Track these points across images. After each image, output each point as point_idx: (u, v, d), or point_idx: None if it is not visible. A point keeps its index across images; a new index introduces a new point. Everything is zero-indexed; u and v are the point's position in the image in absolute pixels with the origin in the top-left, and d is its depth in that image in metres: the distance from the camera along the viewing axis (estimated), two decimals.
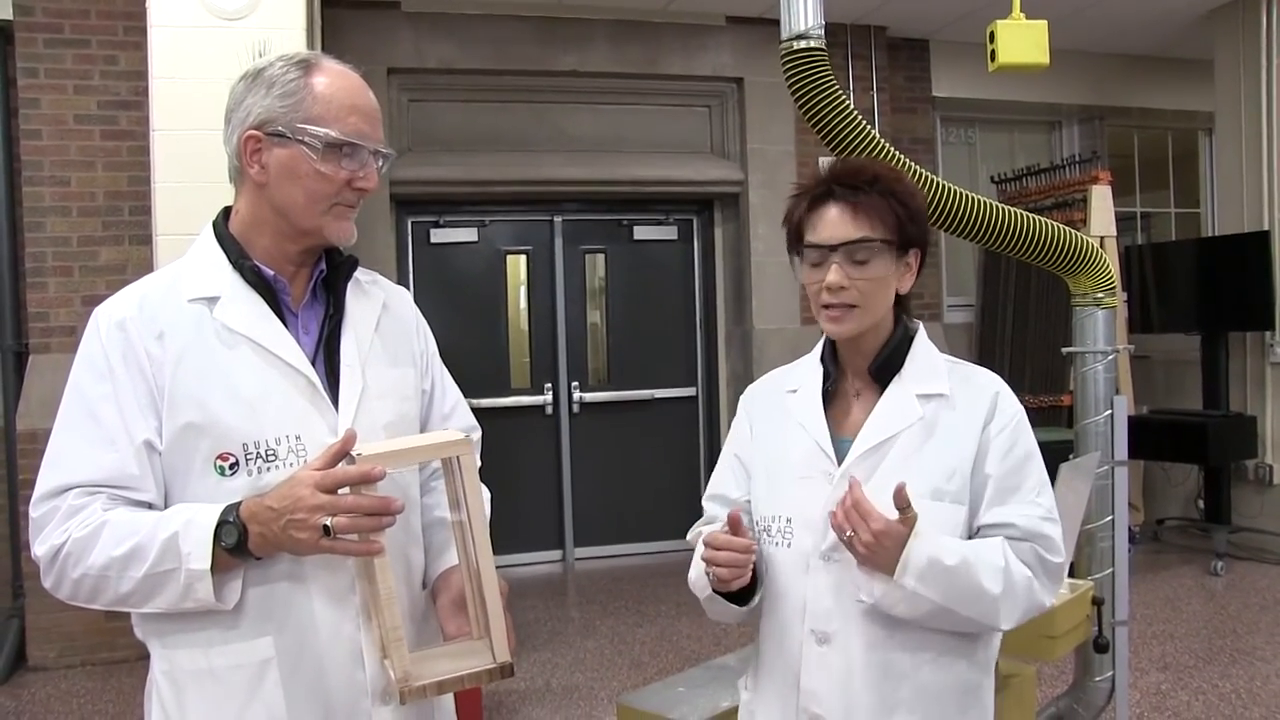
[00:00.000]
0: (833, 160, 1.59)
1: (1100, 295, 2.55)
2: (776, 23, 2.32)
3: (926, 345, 1.38)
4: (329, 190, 1.22)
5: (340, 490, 1.12)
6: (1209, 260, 5.39)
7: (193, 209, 2.77)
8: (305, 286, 1.29)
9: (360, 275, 1.35)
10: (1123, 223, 5.82)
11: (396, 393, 1.32)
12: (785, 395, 1.43)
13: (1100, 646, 2.43)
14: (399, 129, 4.90)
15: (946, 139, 6.14)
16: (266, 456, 1.19)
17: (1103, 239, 5.03)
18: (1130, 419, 2.67)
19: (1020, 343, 5.65)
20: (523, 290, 5.55)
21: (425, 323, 1.45)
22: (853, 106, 2.30)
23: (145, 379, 1.19)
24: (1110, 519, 2.57)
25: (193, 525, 1.14)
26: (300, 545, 1.13)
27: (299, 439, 1.20)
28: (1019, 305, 5.65)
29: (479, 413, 1.51)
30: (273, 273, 1.25)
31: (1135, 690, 3.38)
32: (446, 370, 1.47)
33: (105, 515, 1.16)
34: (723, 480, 1.47)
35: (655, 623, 4.39)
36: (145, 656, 1.26)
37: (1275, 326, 5.03)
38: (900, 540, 1.22)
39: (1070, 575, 2.33)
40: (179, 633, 1.20)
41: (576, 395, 5.54)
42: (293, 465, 1.19)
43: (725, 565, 1.27)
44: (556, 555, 5.53)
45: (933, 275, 5.82)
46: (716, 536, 1.28)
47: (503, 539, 1.23)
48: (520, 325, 5.55)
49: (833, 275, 1.30)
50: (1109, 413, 2.57)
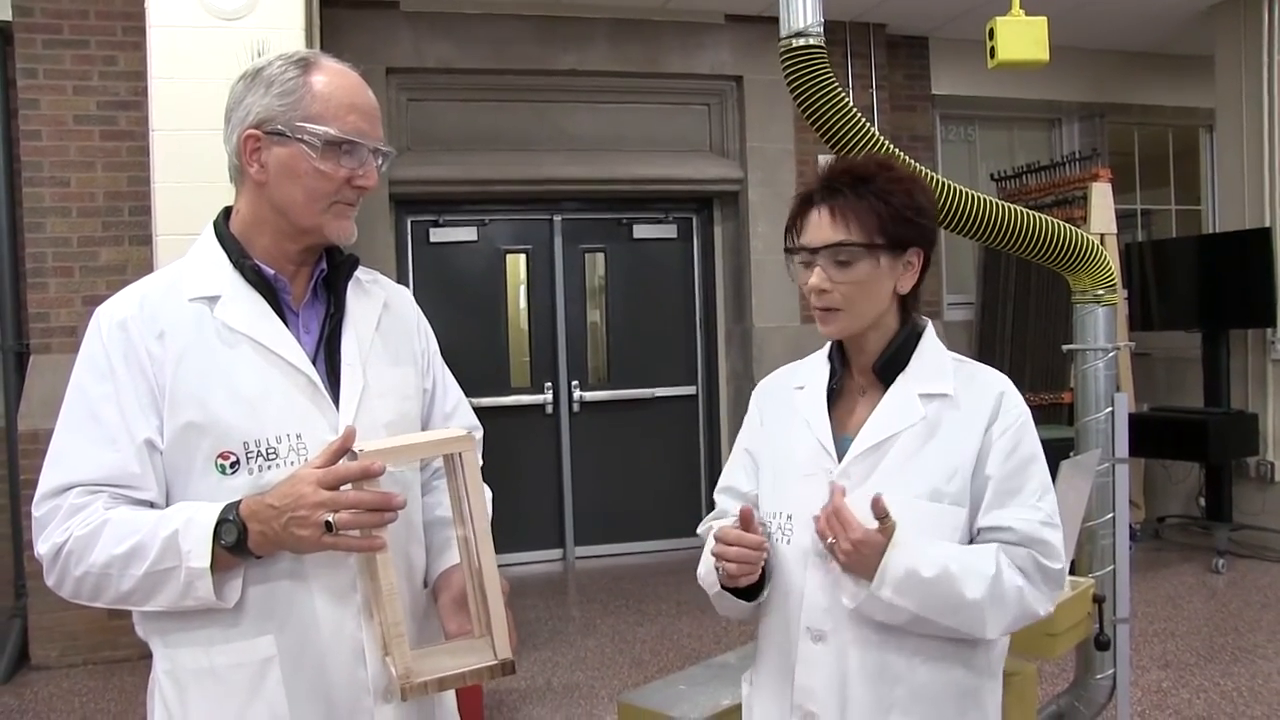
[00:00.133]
0: (832, 159, 1.59)
1: (1101, 292, 2.55)
2: (775, 20, 2.32)
3: (934, 344, 1.37)
4: (328, 188, 1.23)
5: (342, 486, 1.13)
6: (1210, 257, 5.39)
7: (192, 209, 2.77)
8: (306, 286, 1.29)
9: (361, 274, 1.35)
10: (1123, 220, 5.81)
11: (397, 392, 1.32)
12: (794, 391, 1.43)
13: (1101, 644, 2.43)
14: (398, 128, 4.90)
15: (946, 136, 6.14)
16: (267, 455, 1.19)
17: (1103, 236, 5.03)
18: (1131, 416, 2.67)
19: (1020, 340, 5.64)
20: (522, 289, 5.55)
21: (426, 322, 1.45)
22: (852, 104, 2.30)
23: (146, 378, 1.19)
24: (1111, 516, 2.57)
25: (193, 524, 1.14)
26: (302, 543, 1.13)
27: (300, 438, 1.21)
28: (1019, 303, 5.65)
29: (479, 412, 1.51)
30: (273, 272, 1.26)
31: (1136, 688, 3.38)
32: (448, 369, 1.47)
33: (107, 514, 1.16)
34: (733, 474, 1.47)
35: (656, 621, 4.39)
36: (147, 655, 1.26)
37: (1276, 323, 5.03)
38: (879, 550, 1.22)
39: (1071, 573, 2.33)
40: (180, 631, 1.20)
41: (576, 394, 5.54)
42: (293, 464, 1.19)
43: (736, 561, 1.27)
44: (557, 554, 5.53)
45: (932, 273, 5.72)
46: (728, 532, 1.28)
47: (503, 538, 1.23)
48: (520, 324, 5.55)
49: (814, 278, 1.31)
50: (1110, 410, 2.57)
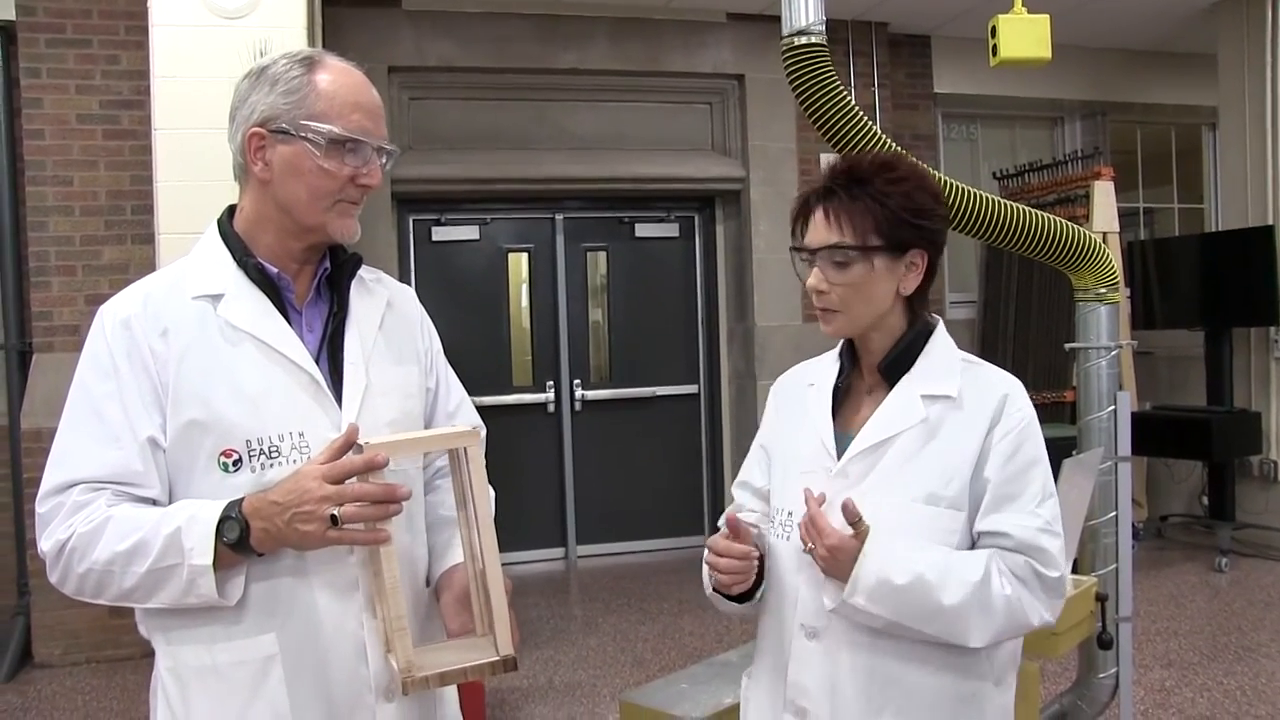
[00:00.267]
0: (836, 158, 1.59)
1: (1103, 291, 2.55)
2: (777, 19, 2.31)
3: (943, 344, 1.35)
4: (332, 187, 1.23)
5: (346, 481, 1.13)
6: (1212, 255, 5.38)
7: (195, 207, 2.77)
8: (309, 284, 1.29)
9: (364, 273, 1.35)
10: (1125, 218, 5.80)
11: (400, 390, 1.32)
12: (806, 388, 1.43)
13: (1104, 643, 2.43)
14: (400, 127, 4.89)
15: (948, 135, 6.13)
16: (270, 453, 1.19)
17: (1105, 234, 5.03)
18: (1133, 415, 2.67)
19: (1023, 339, 5.64)
20: (524, 288, 5.55)
21: (429, 321, 1.45)
22: (854, 103, 2.29)
23: (149, 376, 1.19)
24: (1114, 515, 2.57)
25: (195, 521, 1.14)
26: (307, 538, 1.14)
27: (302, 436, 1.21)
28: (1021, 301, 5.65)
29: (481, 411, 1.51)
30: (277, 270, 1.26)
31: (1139, 687, 3.37)
32: (451, 368, 1.47)
33: (110, 511, 1.16)
34: (750, 468, 1.48)
35: (658, 620, 4.39)
36: (150, 654, 1.26)
37: (1279, 322, 5.03)
38: (853, 555, 1.22)
39: (1074, 571, 2.33)
40: (183, 629, 1.20)
41: (578, 393, 5.54)
42: (296, 462, 1.19)
43: (725, 572, 1.29)
44: (559, 553, 5.53)
45: None
46: (717, 542, 1.29)
47: (505, 537, 1.23)
48: (522, 323, 5.55)
49: (811, 279, 1.32)
50: (1112, 408, 2.57)
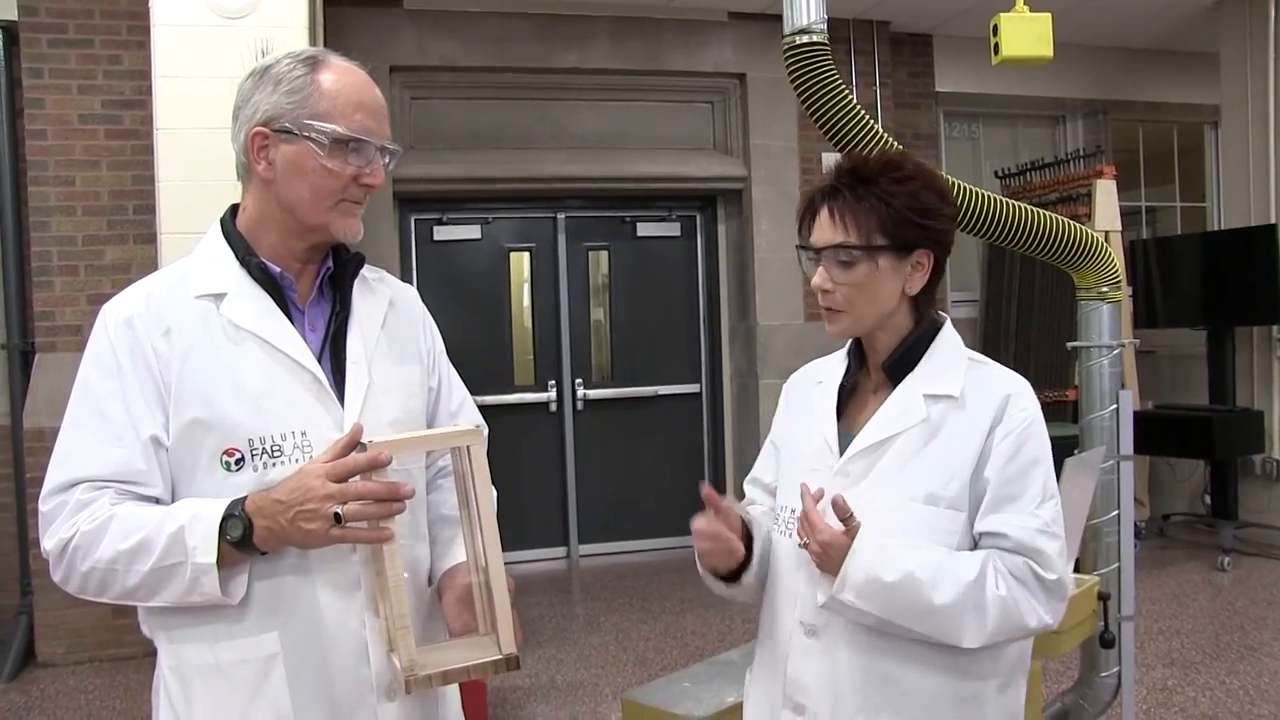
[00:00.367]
0: (837, 157, 1.59)
1: (1105, 289, 2.54)
2: (779, 18, 2.31)
3: (949, 343, 1.35)
4: (335, 186, 1.23)
5: (349, 480, 1.13)
6: (1214, 254, 5.37)
7: (197, 207, 2.76)
8: (312, 284, 1.29)
9: (367, 272, 1.35)
10: (1128, 217, 5.79)
11: (403, 390, 1.32)
12: (814, 386, 1.43)
13: (1106, 642, 2.43)
14: (402, 127, 4.90)
15: (950, 134, 6.13)
16: (272, 452, 1.19)
17: (1107, 233, 5.02)
18: (1135, 414, 2.67)
19: (1025, 337, 5.64)
20: (526, 287, 5.56)
21: (432, 320, 1.45)
22: (856, 101, 2.29)
23: (152, 375, 1.19)
24: (1116, 514, 2.56)
25: (198, 520, 1.15)
26: (310, 536, 1.14)
27: (304, 435, 1.21)
28: (1023, 300, 5.64)
29: (483, 410, 1.51)
30: (279, 269, 1.26)
31: (1141, 686, 3.37)
32: (453, 368, 1.47)
33: (113, 510, 1.16)
34: (760, 464, 1.49)
35: (660, 619, 4.40)
36: (153, 653, 1.26)
37: None
38: (843, 551, 1.22)
39: (1076, 570, 2.33)
40: (185, 628, 1.20)
41: (580, 392, 5.54)
42: (298, 461, 1.19)
43: (705, 554, 1.33)
44: (561, 552, 5.53)
45: None
46: (696, 520, 1.31)
47: (507, 536, 1.23)
48: (524, 322, 5.56)
49: (816, 278, 1.32)
50: (1114, 407, 2.57)
